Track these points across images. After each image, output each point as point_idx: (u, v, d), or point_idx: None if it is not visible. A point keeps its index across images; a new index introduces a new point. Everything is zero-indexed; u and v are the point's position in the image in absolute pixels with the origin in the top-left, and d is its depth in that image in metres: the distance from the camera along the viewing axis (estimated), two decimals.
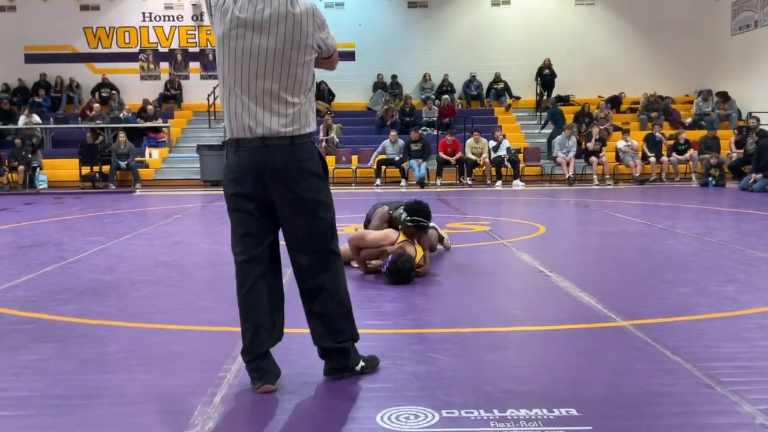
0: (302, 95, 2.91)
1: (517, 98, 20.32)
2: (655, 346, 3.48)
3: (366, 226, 5.74)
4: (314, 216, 2.95)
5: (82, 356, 3.41)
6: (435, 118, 18.41)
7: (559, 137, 16.54)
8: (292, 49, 2.85)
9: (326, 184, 3.04)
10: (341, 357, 3.07)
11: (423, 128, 17.68)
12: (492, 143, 16.14)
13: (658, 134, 16.49)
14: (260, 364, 2.95)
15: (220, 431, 2.55)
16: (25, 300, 4.66)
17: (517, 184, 15.50)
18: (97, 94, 19.54)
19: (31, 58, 20.15)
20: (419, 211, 5.26)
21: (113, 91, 19.44)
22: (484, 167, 15.95)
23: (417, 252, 5.19)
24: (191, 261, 6.38)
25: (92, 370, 3.20)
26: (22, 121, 17.70)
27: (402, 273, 4.93)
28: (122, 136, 16.23)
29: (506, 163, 15.82)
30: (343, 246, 5.01)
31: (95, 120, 17.65)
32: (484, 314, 4.27)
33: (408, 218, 5.23)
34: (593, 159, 15.97)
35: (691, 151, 16.31)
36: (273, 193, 2.91)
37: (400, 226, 5.31)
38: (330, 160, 16.63)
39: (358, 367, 3.09)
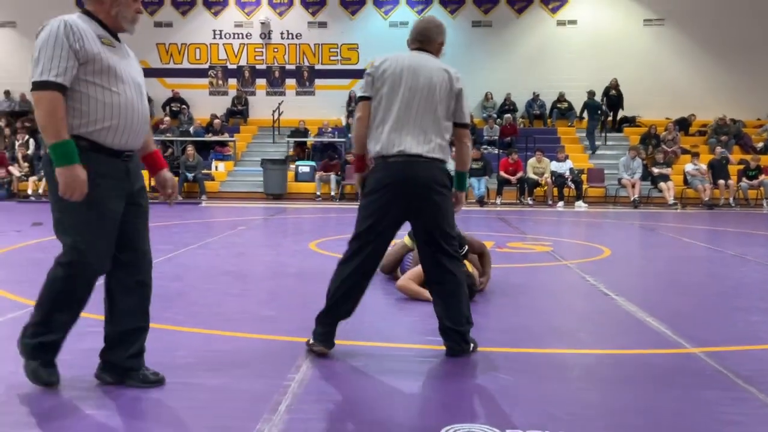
0: (438, 134, 3.58)
1: (582, 118, 20.06)
2: (727, 375, 3.38)
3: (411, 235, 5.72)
4: (444, 220, 3.60)
5: (152, 359, 3.50)
6: (496, 137, 18.34)
7: (623, 158, 16.27)
8: (440, 95, 3.58)
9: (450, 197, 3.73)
10: (461, 339, 3.61)
11: (484, 147, 17.64)
12: (555, 164, 15.98)
13: (720, 154, 16.06)
14: (331, 329, 3.62)
15: None
16: (99, 304, 4.81)
17: (580, 205, 15.28)
18: (167, 108, 20.20)
19: None
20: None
21: (183, 106, 20.06)
22: (546, 187, 15.78)
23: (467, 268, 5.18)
24: (255, 271, 6.51)
25: (162, 374, 3.29)
26: None
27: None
28: (191, 149, 16.74)
29: (569, 183, 15.62)
30: (401, 285, 5.12)
31: (165, 133, 18.24)
32: (548, 335, 4.22)
33: None
34: (662, 185, 15.63)
35: (762, 177, 15.79)
36: (413, 200, 3.54)
37: None
38: None
39: (470, 348, 3.66)
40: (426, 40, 3.75)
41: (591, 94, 18.61)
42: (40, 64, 2.78)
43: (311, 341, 3.62)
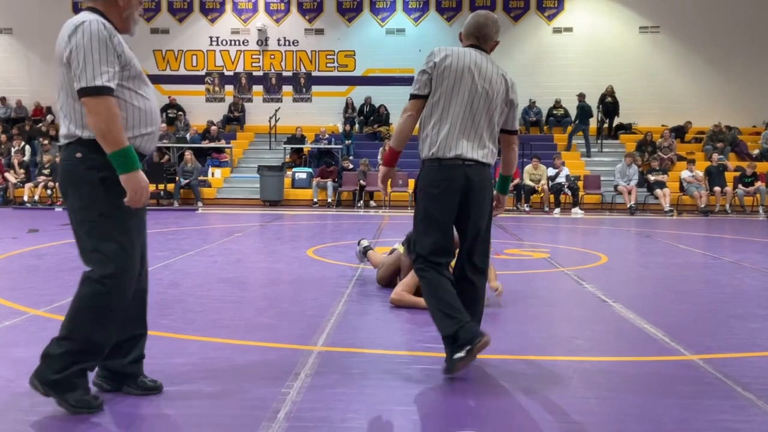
0: (492, 140, 3.57)
1: (577, 125, 20.11)
2: (726, 382, 3.38)
3: (407, 244, 5.68)
4: (486, 228, 3.64)
5: (150, 367, 3.48)
6: None
7: (620, 165, 16.32)
8: (496, 101, 3.52)
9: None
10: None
11: None
12: (551, 171, 16.01)
13: (717, 161, 16.11)
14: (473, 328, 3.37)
15: None
16: None
17: (576, 211, 15.31)
18: (164, 114, 20.19)
19: None
20: None
21: (180, 112, 20.06)
22: (542, 194, 15.81)
23: None
24: (252, 278, 6.49)
25: (160, 381, 3.27)
26: None
27: None
28: (189, 154, 16.78)
29: (565, 190, 15.65)
30: (395, 298, 5.06)
31: (162, 140, 18.22)
32: (547, 343, 4.21)
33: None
34: (658, 191, 15.68)
35: (758, 184, 15.84)
36: (465, 203, 3.50)
37: None
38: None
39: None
40: (483, 37, 3.63)
41: (581, 96, 18.63)
42: (89, 68, 2.66)
43: (469, 348, 3.28)
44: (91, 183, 2.76)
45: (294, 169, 17.64)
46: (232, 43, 21.04)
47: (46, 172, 16.48)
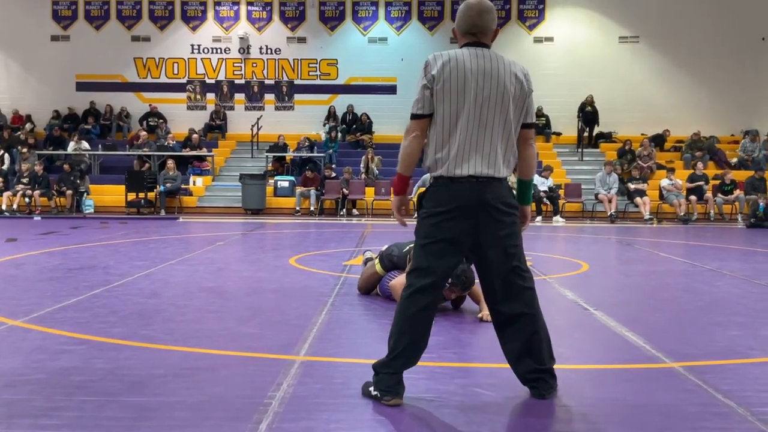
0: (509, 148, 3.17)
1: (558, 134, 20.29)
2: (707, 389, 3.40)
3: (382, 261, 5.69)
4: (517, 249, 3.22)
5: (130, 378, 3.45)
6: None
7: (600, 174, 16.45)
8: (509, 102, 3.09)
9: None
10: (550, 376, 3.31)
11: None
12: (539, 180, 16.09)
13: (699, 172, 16.28)
14: (399, 379, 3.15)
15: None
16: (74, 321, 4.76)
17: (558, 220, 15.39)
18: (145, 122, 20.04)
19: (81, 86, 20.82)
20: None
21: (161, 120, 19.93)
22: None
23: None
24: (234, 287, 6.45)
25: (140, 393, 3.24)
26: (71, 147, 18.23)
27: (467, 274, 4.89)
28: (171, 162, 16.75)
29: (545, 200, 15.73)
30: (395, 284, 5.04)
31: (142, 148, 18.09)
32: None
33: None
34: (638, 200, 15.82)
35: (737, 192, 16.04)
36: (483, 225, 3.11)
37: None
38: (369, 191, 16.76)
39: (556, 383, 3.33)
40: (482, 31, 3.12)
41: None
42: None
43: (378, 394, 3.13)
44: None
45: (276, 178, 17.58)
46: (214, 51, 20.97)
47: (24, 180, 16.30)
